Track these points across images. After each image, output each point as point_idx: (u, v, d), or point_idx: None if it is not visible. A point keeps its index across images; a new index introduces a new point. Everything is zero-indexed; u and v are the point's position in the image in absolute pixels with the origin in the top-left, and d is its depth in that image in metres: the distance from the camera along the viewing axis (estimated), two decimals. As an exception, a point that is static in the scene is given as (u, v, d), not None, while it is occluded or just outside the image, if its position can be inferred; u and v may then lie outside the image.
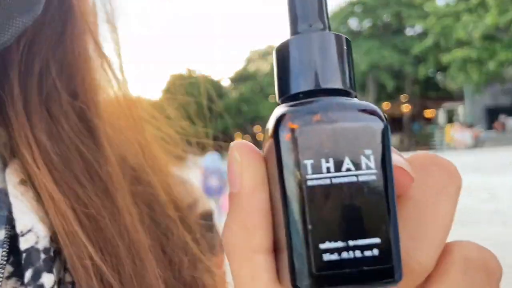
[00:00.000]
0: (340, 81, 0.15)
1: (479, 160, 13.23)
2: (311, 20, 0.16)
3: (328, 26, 0.16)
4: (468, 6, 18.18)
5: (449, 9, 18.66)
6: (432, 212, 0.15)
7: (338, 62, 0.15)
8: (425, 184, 0.15)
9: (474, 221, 5.87)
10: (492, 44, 17.05)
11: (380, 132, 0.14)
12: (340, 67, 0.15)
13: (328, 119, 0.13)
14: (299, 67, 0.15)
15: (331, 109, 0.14)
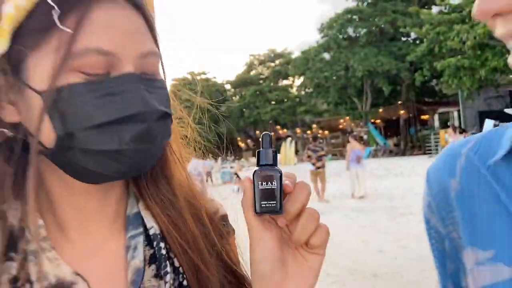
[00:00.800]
0: (271, 162, 0.46)
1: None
2: (268, 161, 0.46)
3: (275, 164, 0.47)
4: (461, 15, 18.87)
5: (442, 18, 19.28)
6: (294, 198, 0.45)
7: (273, 160, 0.46)
8: (294, 193, 0.45)
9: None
10: (483, 52, 17.69)
11: (279, 175, 0.45)
12: (274, 161, 0.46)
13: (265, 170, 0.45)
14: (264, 158, 0.47)
15: (266, 168, 0.46)
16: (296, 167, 23.17)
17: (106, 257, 0.52)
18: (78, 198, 0.51)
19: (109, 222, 0.54)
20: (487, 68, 17.36)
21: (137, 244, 0.53)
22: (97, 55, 0.44)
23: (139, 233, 0.54)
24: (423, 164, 15.56)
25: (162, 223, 0.54)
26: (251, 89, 38.84)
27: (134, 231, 0.54)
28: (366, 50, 23.59)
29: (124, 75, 0.45)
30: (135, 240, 0.53)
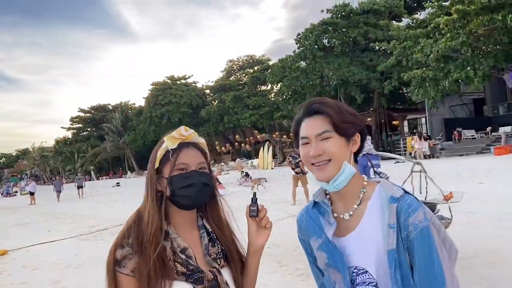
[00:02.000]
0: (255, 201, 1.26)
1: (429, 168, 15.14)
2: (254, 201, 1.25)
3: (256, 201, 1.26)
4: (426, 31, 20.29)
5: (409, 33, 20.66)
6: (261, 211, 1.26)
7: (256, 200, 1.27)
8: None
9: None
10: (446, 64, 19.09)
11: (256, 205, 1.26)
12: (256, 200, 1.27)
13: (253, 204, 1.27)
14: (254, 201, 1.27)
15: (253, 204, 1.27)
16: (273, 172, 24.12)
17: (194, 239, 1.25)
18: (181, 216, 1.25)
19: (193, 226, 1.28)
20: (450, 79, 18.71)
21: (204, 235, 1.27)
22: (182, 165, 1.19)
23: (204, 231, 1.28)
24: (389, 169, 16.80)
25: (212, 226, 1.30)
26: (230, 94, 39.52)
27: (202, 230, 1.29)
28: (339, 60, 24.79)
29: (192, 171, 1.21)
30: (203, 233, 1.28)
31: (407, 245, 1.05)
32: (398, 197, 1.09)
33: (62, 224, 12.65)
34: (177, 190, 1.18)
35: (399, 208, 1.07)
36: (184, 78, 51.28)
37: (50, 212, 17.49)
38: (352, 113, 1.19)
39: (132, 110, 55.31)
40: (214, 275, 1.20)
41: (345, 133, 1.15)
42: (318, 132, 1.14)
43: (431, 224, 1.05)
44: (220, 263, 1.24)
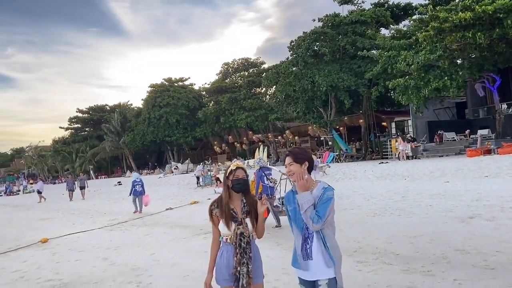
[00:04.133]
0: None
1: (408, 169, 16.98)
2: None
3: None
4: (409, 42, 22.12)
5: (393, 43, 22.48)
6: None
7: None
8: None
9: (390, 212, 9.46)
10: (426, 74, 20.93)
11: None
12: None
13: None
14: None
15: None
16: (268, 171, 25.68)
17: (238, 205, 2.93)
18: (235, 196, 2.96)
19: (239, 199, 2.95)
20: (430, 88, 20.54)
21: (243, 203, 2.94)
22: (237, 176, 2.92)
23: (242, 202, 2.95)
24: (373, 169, 18.62)
25: (247, 200, 2.94)
26: (226, 96, 41.16)
27: (242, 201, 2.96)
28: (329, 67, 26.56)
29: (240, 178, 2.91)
30: (242, 202, 2.94)
31: (319, 200, 2.59)
32: (326, 187, 2.70)
33: (82, 218, 14.27)
34: (234, 185, 2.88)
35: (325, 190, 2.64)
36: (182, 80, 52.85)
37: (65, 208, 19.10)
38: (302, 153, 2.73)
39: (130, 111, 56.78)
40: (242, 220, 2.87)
41: (298, 162, 2.69)
42: (288, 162, 2.73)
43: (333, 199, 2.68)
44: (246, 215, 2.88)
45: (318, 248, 2.56)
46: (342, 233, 7.48)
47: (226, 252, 2.86)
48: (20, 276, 6.68)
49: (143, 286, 5.41)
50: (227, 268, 2.83)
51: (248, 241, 2.84)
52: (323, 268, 2.55)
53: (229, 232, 2.83)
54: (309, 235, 2.60)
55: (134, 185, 14.93)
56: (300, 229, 2.63)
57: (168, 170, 41.74)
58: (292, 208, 2.71)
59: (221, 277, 2.87)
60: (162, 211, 13.92)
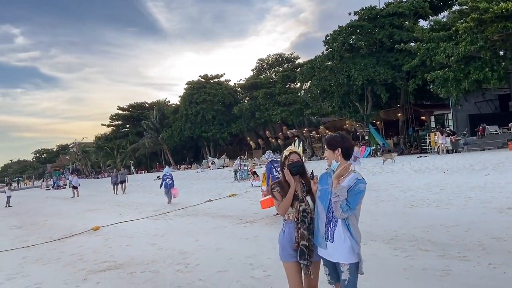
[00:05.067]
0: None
1: (447, 162, 16.71)
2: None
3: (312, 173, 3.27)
4: (448, 33, 21.60)
5: (432, 35, 22.01)
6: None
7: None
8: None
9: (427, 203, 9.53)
10: (466, 66, 20.41)
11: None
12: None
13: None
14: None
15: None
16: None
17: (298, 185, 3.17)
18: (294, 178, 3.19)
19: (298, 180, 3.18)
20: (470, 80, 20.03)
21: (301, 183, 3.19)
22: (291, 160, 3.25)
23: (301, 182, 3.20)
24: (411, 163, 18.43)
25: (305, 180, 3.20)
26: (261, 91, 41.51)
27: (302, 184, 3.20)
28: (366, 61, 26.31)
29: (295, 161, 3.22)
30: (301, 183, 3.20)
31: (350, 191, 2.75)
32: (360, 178, 2.82)
33: (128, 210, 15.08)
34: (291, 169, 3.16)
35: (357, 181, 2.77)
36: (217, 77, 53.70)
37: (111, 201, 20.15)
38: (335, 139, 2.89)
39: (168, 108, 58.35)
40: (303, 198, 3.13)
41: (331, 148, 2.90)
42: (324, 148, 3.06)
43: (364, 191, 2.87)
44: (306, 194, 3.14)
45: (341, 233, 2.71)
46: (378, 223, 7.68)
47: (288, 229, 3.09)
48: (79, 258, 7.33)
49: (191, 267, 5.86)
50: (289, 243, 3.04)
51: (312, 217, 3.02)
52: (346, 253, 2.69)
53: (292, 209, 3.07)
54: (332, 219, 2.76)
55: (164, 179, 16.51)
56: (325, 210, 2.79)
57: (205, 165, 42.68)
58: (322, 188, 2.88)
59: (286, 253, 3.06)
60: (202, 202, 14.47)
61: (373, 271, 4.62)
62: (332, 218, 2.76)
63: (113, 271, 6.13)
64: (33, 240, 10.03)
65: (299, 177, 3.19)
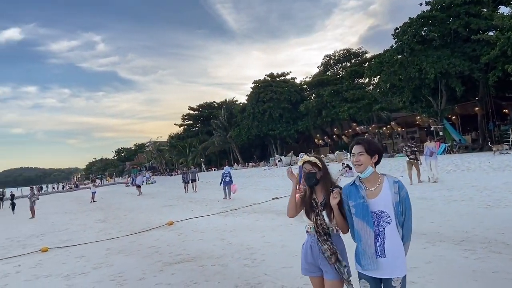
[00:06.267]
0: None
1: (532, 160, 15.38)
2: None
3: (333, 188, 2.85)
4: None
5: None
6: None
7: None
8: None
9: (505, 204, 8.99)
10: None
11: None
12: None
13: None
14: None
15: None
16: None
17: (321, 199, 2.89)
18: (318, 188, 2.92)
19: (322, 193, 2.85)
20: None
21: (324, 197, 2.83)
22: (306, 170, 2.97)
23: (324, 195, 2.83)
24: (490, 160, 17.22)
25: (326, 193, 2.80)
26: (328, 89, 41.00)
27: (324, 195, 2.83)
28: (439, 53, 24.90)
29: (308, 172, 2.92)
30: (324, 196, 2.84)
31: (401, 199, 2.53)
32: (397, 180, 2.58)
33: (199, 206, 15.85)
34: (305, 180, 2.90)
35: (399, 185, 2.55)
36: (283, 75, 53.98)
37: (184, 197, 21.28)
38: (375, 145, 2.64)
39: (235, 107, 59.81)
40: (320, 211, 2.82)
41: (369, 153, 2.59)
42: (358, 151, 2.61)
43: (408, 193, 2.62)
44: (323, 208, 2.81)
45: (393, 245, 2.48)
46: (449, 223, 7.40)
47: (307, 242, 2.93)
48: (155, 251, 7.94)
49: (257, 262, 6.13)
50: (305, 257, 2.91)
51: (327, 233, 2.81)
52: (397, 266, 2.47)
53: (310, 221, 2.88)
54: (380, 232, 2.50)
55: (223, 176, 18.08)
56: (371, 226, 2.49)
57: (272, 163, 43.15)
58: (357, 203, 2.56)
59: (302, 266, 2.96)
60: (268, 200, 14.78)
61: (438, 273, 4.54)
62: (378, 232, 2.51)
63: (186, 263, 6.60)
64: (115, 233, 10.99)
65: (322, 187, 2.91)
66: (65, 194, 54.58)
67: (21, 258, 8.77)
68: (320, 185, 2.90)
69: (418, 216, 8.47)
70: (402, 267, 2.48)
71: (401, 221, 2.51)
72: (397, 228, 2.50)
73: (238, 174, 36.15)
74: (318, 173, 2.89)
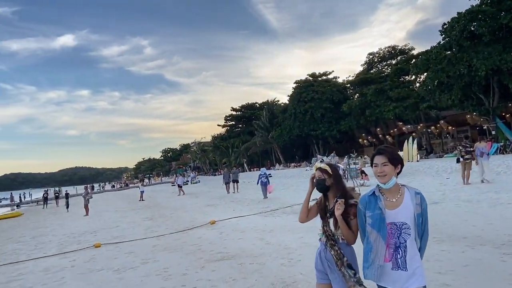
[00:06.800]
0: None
1: None
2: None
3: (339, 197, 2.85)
4: None
5: None
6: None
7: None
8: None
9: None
10: None
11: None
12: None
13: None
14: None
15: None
16: (417, 164, 24.52)
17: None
18: (331, 196, 2.93)
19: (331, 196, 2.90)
20: None
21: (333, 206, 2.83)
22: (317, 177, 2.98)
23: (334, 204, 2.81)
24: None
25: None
26: (371, 88, 40.22)
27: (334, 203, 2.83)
28: (489, 49, 23.81)
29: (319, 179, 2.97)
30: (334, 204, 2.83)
31: (422, 211, 2.49)
32: (418, 192, 2.53)
33: (240, 206, 16.22)
34: (316, 186, 2.93)
35: (421, 197, 2.50)
36: (325, 74, 53.54)
37: (226, 197, 21.79)
38: (398, 154, 2.57)
39: (277, 107, 60.01)
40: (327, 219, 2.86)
41: (393, 164, 2.51)
42: (382, 162, 2.53)
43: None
44: (330, 216, 2.84)
45: (413, 257, 2.46)
46: (492, 227, 7.23)
47: (318, 249, 2.99)
48: (198, 248, 8.32)
49: (294, 262, 6.32)
50: (316, 265, 2.98)
51: (334, 239, 2.83)
52: (416, 277, 2.44)
53: (321, 228, 2.92)
54: (401, 244, 2.45)
55: (260, 177, 18.84)
56: (384, 238, 2.46)
57: (314, 163, 42.93)
58: (373, 214, 2.53)
59: (315, 272, 3.01)
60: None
61: (474, 276, 4.53)
62: (399, 244, 2.45)
63: (226, 261, 6.90)
64: (161, 230, 11.55)
65: (333, 194, 2.93)
66: (116, 192, 57.18)
67: (77, 253, 9.48)
68: (331, 193, 2.93)
69: (461, 219, 8.31)
70: (422, 277, 2.45)
71: (420, 233, 2.50)
72: (415, 240, 2.48)
73: (279, 174, 36.44)
74: (328, 180, 2.91)
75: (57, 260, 8.88)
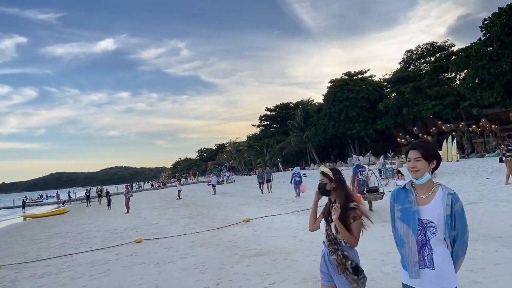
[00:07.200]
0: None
1: None
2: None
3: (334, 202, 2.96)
4: None
5: None
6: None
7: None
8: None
9: None
10: None
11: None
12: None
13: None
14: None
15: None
16: (457, 164, 23.83)
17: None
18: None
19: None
20: None
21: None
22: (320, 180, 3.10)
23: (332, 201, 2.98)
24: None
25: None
26: (409, 86, 39.31)
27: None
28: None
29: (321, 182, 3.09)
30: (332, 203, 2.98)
31: (454, 213, 2.34)
32: (452, 193, 2.37)
33: (274, 205, 16.45)
34: (319, 188, 3.04)
35: (453, 198, 2.35)
36: (361, 73, 52.79)
37: (260, 196, 22.10)
38: (433, 149, 2.44)
39: (312, 107, 59.76)
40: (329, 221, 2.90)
41: (427, 159, 2.40)
42: (415, 157, 2.42)
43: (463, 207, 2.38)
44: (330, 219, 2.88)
45: (441, 257, 2.35)
46: (530, 228, 7.08)
47: (322, 251, 3.03)
48: (233, 245, 8.64)
49: (326, 259, 6.49)
50: (320, 266, 3.03)
51: (337, 243, 2.85)
52: (446, 278, 2.34)
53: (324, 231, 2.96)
54: (427, 242, 2.36)
55: (293, 176, 19.24)
56: (415, 232, 2.37)
57: (350, 163, 42.49)
58: (403, 207, 2.45)
59: (320, 274, 3.04)
60: (343, 200, 14.87)
61: (505, 275, 4.56)
62: (426, 241, 2.37)
63: (260, 257, 7.17)
64: (198, 227, 11.99)
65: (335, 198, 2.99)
66: (154, 191, 58.89)
67: (120, 247, 10.05)
68: (333, 196, 2.97)
69: (498, 219, 8.18)
70: (452, 279, 2.35)
71: (451, 236, 2.36)
72: (444, 241, 2.36)
73: (314, 174, 36.33)
74: (329, 184, 2.97)
75: (102, 254, 9.46)
